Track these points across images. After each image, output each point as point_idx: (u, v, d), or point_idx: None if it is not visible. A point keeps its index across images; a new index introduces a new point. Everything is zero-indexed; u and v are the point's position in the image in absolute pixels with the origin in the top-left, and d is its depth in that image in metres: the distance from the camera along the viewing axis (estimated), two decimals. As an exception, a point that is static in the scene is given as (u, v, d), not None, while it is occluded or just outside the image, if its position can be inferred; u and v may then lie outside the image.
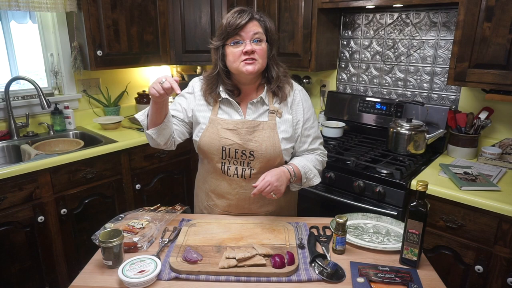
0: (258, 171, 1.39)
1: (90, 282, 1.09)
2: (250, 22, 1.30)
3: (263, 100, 1.40)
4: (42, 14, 2.43)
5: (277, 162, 1.41)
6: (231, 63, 1.33)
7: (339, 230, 1.20)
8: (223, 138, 1.37)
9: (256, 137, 1.37)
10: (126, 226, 1.30)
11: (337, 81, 2.67)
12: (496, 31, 1.65)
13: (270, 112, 1.39)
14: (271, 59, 1.38)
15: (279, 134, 1.38)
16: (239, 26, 1.28)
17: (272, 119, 1.39)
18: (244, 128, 1.36)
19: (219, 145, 1.37)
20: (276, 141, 1.37)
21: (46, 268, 2.01)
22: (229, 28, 1.29)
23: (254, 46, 1.30)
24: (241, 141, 1.36)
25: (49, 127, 2.43)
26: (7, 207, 1.82)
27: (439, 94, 2.21)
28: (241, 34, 1.29)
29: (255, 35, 1.30)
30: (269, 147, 1.36)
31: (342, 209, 1.85)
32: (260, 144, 1.36)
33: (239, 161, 1.39)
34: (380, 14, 2.36)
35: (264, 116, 1.40)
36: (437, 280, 1.11)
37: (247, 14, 1.30)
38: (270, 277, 1.08)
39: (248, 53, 1.29)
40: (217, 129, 1.38)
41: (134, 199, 2.37)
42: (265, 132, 1.37)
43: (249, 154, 1.37)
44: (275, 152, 1.37)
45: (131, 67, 2.64)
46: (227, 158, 1.39)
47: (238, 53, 1.30)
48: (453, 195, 1.62)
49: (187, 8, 2.60)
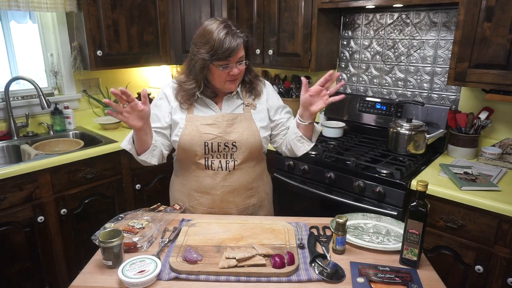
0: (241, 161, 1.46)
1: (90, 282, 1.09)
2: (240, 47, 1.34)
3: (238, 94, 1.49)
4: (42, 14, 2.43)
5: (258, 151, 1.48)
6: (215, 81, 1.40)
7: (339, 230, 1.20)
8: (204, 133, 1.40)
9: (235, 128, 1.43)
10: (126, 226, 1.30)
11: (337, 81, 2.67)
12: (496, 31, 1.65)
13: (245, 105, 1.47)
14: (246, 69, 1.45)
15: (256, 124, 1.46)
16: (231, 54, 1.31)
17: (248, 111, 1.47)
18: (224, 121, 1.42)
19: (201, 140, 1.40)
20: (255, 130, 1.45)
21: (46, 268, 2.01)
22: (220, 51, 1.31)
23: (239, 68, 1.38)
24: (222, 133, 1.41)
25: (49, 127, 2.43)
26: (7, 207, 1.82)
27: (439, 94, 2.21)
28: (230, 59, 1.34)
29: (240, 58, 1.37)
30: (250, 136, 1.43)
31: (342, 209, 1.85)
32: (241, 134, 1.42)
33: (222, 154, 1.43)
34: (380, 14, 2.36)
35: (239, 109, 1.47)
36: (437, 280, 1.11)
37: (237, 37, 1.32)
38: (270, 277, 1.08)
39: (234, 75, 1.37)
40: (196, 125, 1.41)
41: (134, 199, 2.37)
42: (243, 123, 1.45)
43: (232, 145, 1.42)
44: (255, 140, 1.45)
45: (131, 67, 2.64)
46: (210, 153, 1.43)
47: (224, 74, 1.37)
48: (453, 195, 1.62)
49: (187, 8, 2.60)
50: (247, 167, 1.49)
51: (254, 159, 1.51)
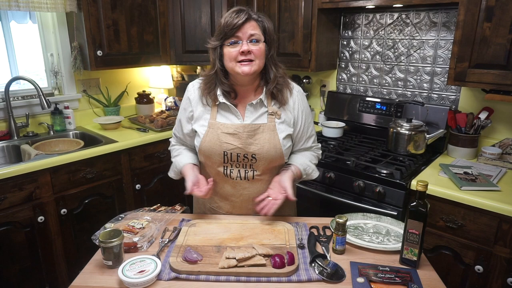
0: (261, 172, 1.40)
1: (90, 282, 1.09)
2: (247, 23, 1.28)
3: (262, 102, 1.38)
4: (42, 14, 2.43)
5: (278, 162, 1.41)
6: (228, 63, 1.32)
7: (339, 230, 1.20)
8: (224, 142, 1.36)
9: (257, 140, 1.36)
10: (126, 226, 1.30)
11: (337, 81, 2.67)
12: (496, 31, 1.65)
13: (269, 114, 1.38)
14: (269, 60, 1.36)
15: (279, 135, 1.38)
16: (236, 26, 1.27)
17: (272, 120, 1.38)
18: (245, 132, 1.35)
19: (221, 150, 1.36)
20: (277, 143, 1.37)
21: (46, 268, 2.01)
22: (226, 28, 1.28)
23: (251, 46, 1.28)
24: (242, 145, 1.35)
25: (49, 127, 2.43)
26: (7, 207, 1.82)
27: (439, 94, 2.21)
28: (238, 34, 1.28)
29: (252, 36, 1.29)
30: (271, 149, 1.36)
31: (342, 209, 1.85)
32: (261, 146, 1.36)
33: (242, 164, 1.38)
34: (380, 14, 2.36)
35: (263, 118, 1.39)
36: (437, 280, 1.11)
37: (244, 13, 1.29)
38: (270, 277, 1.08)
39: (245, 54, 1.28)
40: (217, 133, 1.37)
41: (134, 199, 2.37)
42: (266, 134, 1.36)
43: (251, 157, 1.37)
44: (276, 153, 1.37)
45: (131, 67, 2.64)
46: (229, 162, 1.39)
47: (235, 53, 1.28)
48: (453, 195, 1.62)
49: (187, 8, 2.60)
50: (268, 177, 1.44)
51: (275, 169, 1.46)
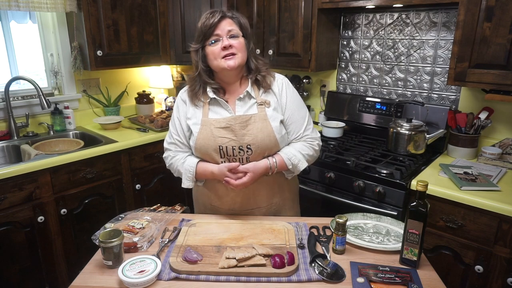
0: None
1: (90, 282, 1.09)
2: (223, 20, 1.36)
3: (249, 94, 1.43)
4: (42, 14, 2.43)
5: (273, 151, 1.44)
6: (213, 61, 1.37)
7: (339, 230, 1.20)
8: (218, 137, 1.38)
9: (250, 130, 1.38)
10: (126, 226, 1.30)
11: (337, 81, 2.67)
12: (496, 31, 1.65)
13: (259, 104, 1.42)
14: (250, 53, 1.43)
15: (271, 123, 1.40)
16: (213, 25, 1.34)
17: (262, 110, 1.41)
18: (237, 123, 1.38)
19: (215, 145, 1.38)
20: (270, 131, 1.39)
21: (46, 268, 2.01)
22: (204, 29, 1.35)
23: (231, 41, 1.35)
24: (236, 137, 1.38)
25: (49, 127, 2.43)
26: (7, 207, 1.82)
27: (439, 94, 2.21)
28: (217, 32, 1.35)
29: (230, 31, 1.35)
30: (265, 138, 1.39)
31: (342, 209, 1.85)
32: (255, 136, 1.38)
33: (238, 158, 1.40)
34: (380, 14, 2.36)
35: (253, 109, 1.42)
36: (437, 280, 1.11)
37: (218, 13, 1.36)
38: (270, 277, 1.08)
39: (227, 48, 1.34)
40: (210, 129, 1.39)
41: (134, 199, 2.37)
42: (258, 124, 1.39)
43: (247, 148, 1.39)
44: (271, 142, 1.40)
45: (131, 67, 2.64)
46: (226, 157, 1.40)
47: (217, 50, 1.34)
48: (453, 195, 1.62)
49: (187, 8, 2.60)
50: None
51: None
